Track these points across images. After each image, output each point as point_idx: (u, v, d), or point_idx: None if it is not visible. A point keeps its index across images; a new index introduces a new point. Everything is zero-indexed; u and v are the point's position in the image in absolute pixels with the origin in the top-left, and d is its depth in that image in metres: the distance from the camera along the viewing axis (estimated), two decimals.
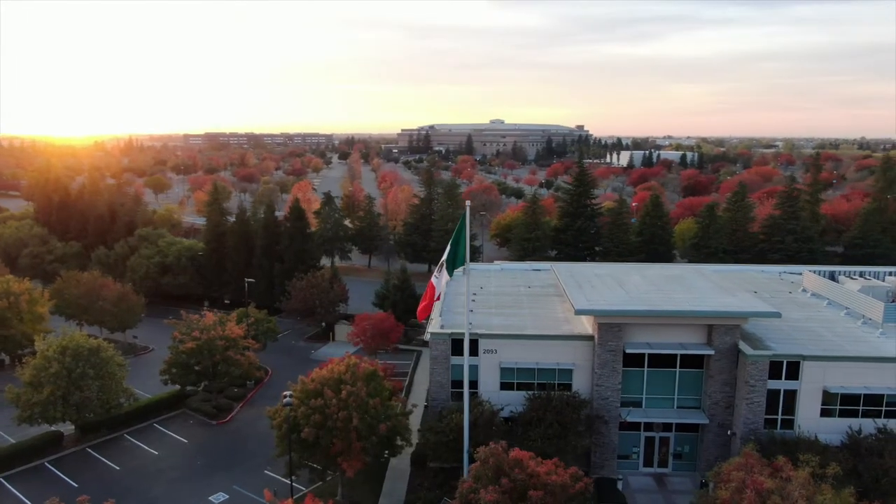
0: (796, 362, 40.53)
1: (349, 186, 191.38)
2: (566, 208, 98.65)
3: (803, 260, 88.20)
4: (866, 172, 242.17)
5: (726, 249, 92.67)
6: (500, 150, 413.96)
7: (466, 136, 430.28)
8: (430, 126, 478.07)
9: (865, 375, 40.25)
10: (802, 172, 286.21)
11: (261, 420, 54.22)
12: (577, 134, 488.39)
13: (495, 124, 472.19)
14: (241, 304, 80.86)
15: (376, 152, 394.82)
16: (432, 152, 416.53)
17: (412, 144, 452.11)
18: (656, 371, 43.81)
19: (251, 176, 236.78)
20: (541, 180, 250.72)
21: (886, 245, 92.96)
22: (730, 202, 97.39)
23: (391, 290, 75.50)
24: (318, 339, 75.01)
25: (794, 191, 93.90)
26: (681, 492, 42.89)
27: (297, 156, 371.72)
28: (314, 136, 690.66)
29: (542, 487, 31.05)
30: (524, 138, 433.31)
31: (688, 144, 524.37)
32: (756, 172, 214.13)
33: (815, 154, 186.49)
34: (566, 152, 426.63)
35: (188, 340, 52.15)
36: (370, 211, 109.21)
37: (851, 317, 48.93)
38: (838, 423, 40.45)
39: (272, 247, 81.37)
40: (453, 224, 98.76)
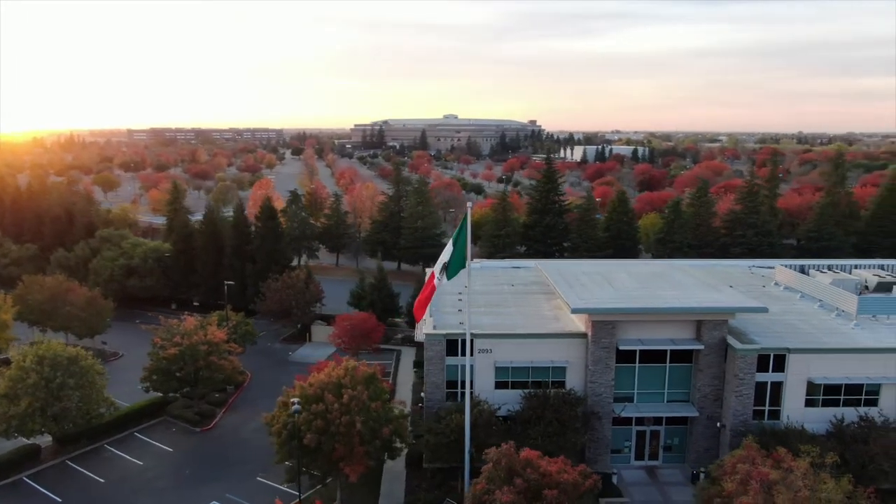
0: (782, 355, 42.05)
1: (308, 183, 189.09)
2: (535, 205, 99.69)
3: (764, 253, 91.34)
4: (809, 166, 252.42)
5: (690, 244, 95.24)
6: (455, 146, 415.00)
7: (420, 131, 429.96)
8: (384, 121, 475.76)
9: (846, 366, 42.02)
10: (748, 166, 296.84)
11: (246, 425, 53.49)
12: (529, 129, 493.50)
13: (449, 119, 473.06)
14: (212, 306, 79.37)
15: (330, 148, 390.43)
16: (386, 148, 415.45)
17: (366, 140, 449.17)
18: (647, 367, 44.78)
19: (204, 173, 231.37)
20: (498, 175, 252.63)
21: (839, 238, 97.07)
22: (692, 198, 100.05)
23: (368, 289, 75.01)
24: (295, 340, 74.02)
25: (753, 186, 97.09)
26: (672, 483, 44.04)
27: (248, 152, 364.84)
28: (264, 131, 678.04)
29: (555, 486, 31.46)
30: (478, 133, 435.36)
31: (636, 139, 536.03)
32: (707, 167, 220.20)
33: (757, 148, 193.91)
34: (519, 147, 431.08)
35: (170, 346, 50.70)
36: (337, 209, 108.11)
37: (825, 309, 50.94)
38: (822, 413, 42.15)
39: (243, 247, 79.79)
40: (423, 222, 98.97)
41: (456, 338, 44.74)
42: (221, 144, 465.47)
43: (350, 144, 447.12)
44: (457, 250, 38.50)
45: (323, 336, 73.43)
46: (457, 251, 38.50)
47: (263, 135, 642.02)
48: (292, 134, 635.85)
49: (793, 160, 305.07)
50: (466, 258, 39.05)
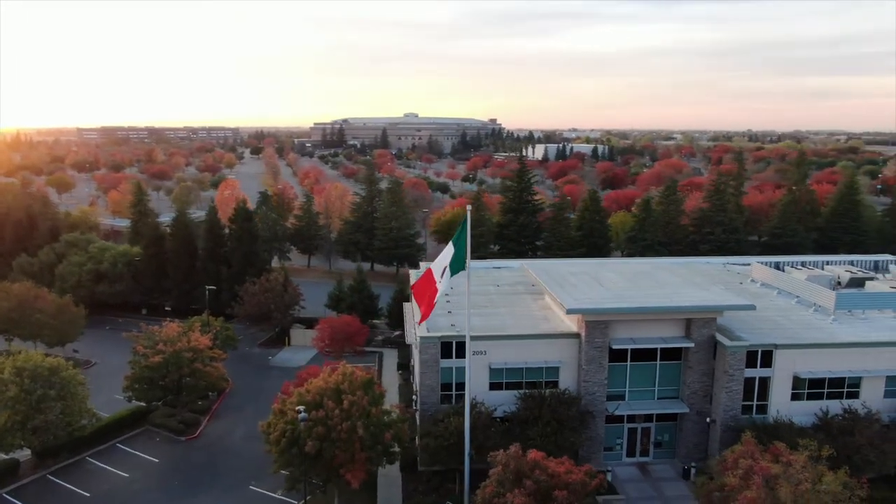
0: (770, 351, 43.23)
1: (273, 184, 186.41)
2: (509, 204, 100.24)
3: (731, 250, 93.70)
4: (763, 164, 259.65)
5: (661, 241, 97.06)
6: (416, 144, 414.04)
7: (381, 129, 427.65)
8: (344, 120, 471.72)
9: (829, 360, 43.46)
10: (705, 164, 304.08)
11: (233, 433, 52.52)
12: (490, 127, 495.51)
13: (409, 118, 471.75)
14: (185, 311, 77.58)
15: (290, 147, 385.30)
16: (347, 146, 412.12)
17: (326, 139, 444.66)
18: (638, 365, 45.49)
19: (163, 173, 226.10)
20: (462, 174, 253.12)
21: (802, 234, 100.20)
22: (662, 197, 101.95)
23: (347, 291, 74.38)
24: (273, 344, 72.92)
25: (721, 185, 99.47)
26: (665, 479, 44.87)
27: (206, 151, 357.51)
28: (220, 129, 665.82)
29: (564, 487, 31.73)
30: (439, 132, 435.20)
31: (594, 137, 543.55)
32: (667, 165, 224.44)
33: (711, 146, 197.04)
34: (481, 146, 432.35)
35: (153, 354, 49.40)
36: (309, 210, 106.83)
37: (802, 305, 52.51)
38: (807, 406, 43.50)
39: (217, 250, 78.19)
40: (397, 223, 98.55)
41: (450, 340, 44.75)
42: (177, 143, 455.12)
43: (310, 143, 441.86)
44: (457, 251, 38.42)
45: (302, 340, 72.59)
46: (457, 252, 38.43)
47: (220, 133, 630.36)
48: (249, 132, 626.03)
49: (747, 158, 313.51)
50: (466, 260, 38.95)
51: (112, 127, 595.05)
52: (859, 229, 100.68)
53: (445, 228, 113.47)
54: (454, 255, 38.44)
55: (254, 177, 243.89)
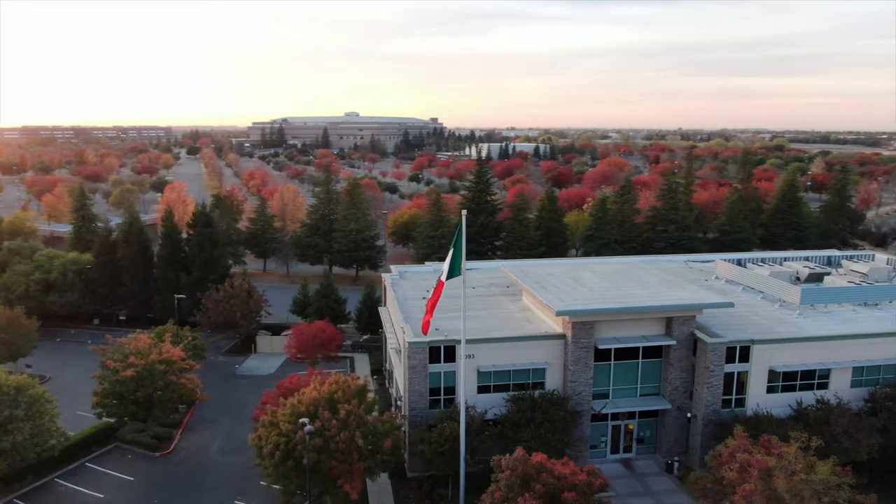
0: (747, 346, 44.81)
1: (217, 185, 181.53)
2: (468, 205, 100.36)
3: (684, 247, 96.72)
4: (700, 162, 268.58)
5: (617, 240, 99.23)
6: (358, 144, 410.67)
7: (322, 129, 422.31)
8: (284, 119, 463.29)
9: (801, 354, 45.36)
10: (643, 162, 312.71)
11: (209, 446, 50.87)
12: (432, 127, 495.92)
13: (351, 117, 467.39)
14: (141, 320, 74.78)
15: (229, 147, 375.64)
16: (288, 146, 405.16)
17: (265, 138, 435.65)
18: (621, 363, 46.41)
19: (96, 175, 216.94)
20: (408, 174, 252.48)
21: (748, 230, 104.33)
22: (617, 196, 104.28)
23: (314, 295, 73.12)
24: (238, 352, 70.97)
25: (673, 183, 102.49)
26: (649, 474, 45.95)
27: (140, 151, 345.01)
28: (151, 129, 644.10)
29: (571, 488, 32.08)
30: (381, 131, 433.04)
31: (532, 136, 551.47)
32: (610, 164, 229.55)
33: (647, 144, 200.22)
34: (423, 145, 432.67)
35: (124, 368, 47.29)
36: (263, 212, 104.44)
37: (768, 300, 54.66)
38: (782, 398, 45.31)
39: (175, 256, 75.50)
40: (357, 225, 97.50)
41: (438, 345, 44.61)
42: (106, 144, 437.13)
43: (249, 143, 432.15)
44: (455, 255, 38.35)
45: (268, 347, 70.98)
46: (455, 256, 38.36)
47: (151, 133, 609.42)
48: (183, 132, 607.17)
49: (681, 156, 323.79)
50: (462, 263, 38.85)
51: (35, 126, 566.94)
52: (800, 225, 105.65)
53: (403, 230, 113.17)
54: (453, 261, 38.25)
55: (193, 178, 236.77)
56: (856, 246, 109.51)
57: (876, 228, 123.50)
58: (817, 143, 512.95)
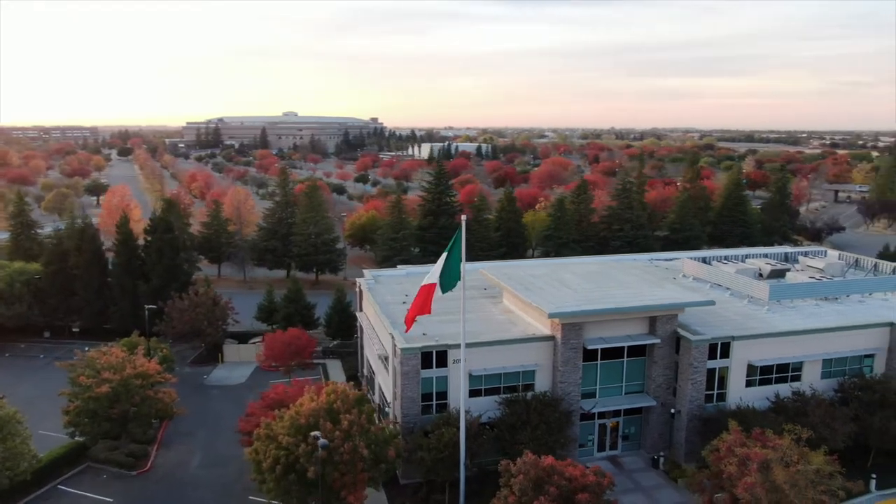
0: (728, 343, 46.44)
1: (158, 188, 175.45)
2: (428, 206, 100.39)
3: (640, 246, 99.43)
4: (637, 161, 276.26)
5: (575, 239, 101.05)
6: (298, 144, 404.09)
7: (260, 129, 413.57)
8: (220, 119, 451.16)
9: (777, 348, 47.32)
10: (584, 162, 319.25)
11: (189, 461, 49.15)
12: (372, 126, 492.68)
13: (289, 117, 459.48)
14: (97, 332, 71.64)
15: (163, 148, 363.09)
16: (225, 147, 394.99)
17: (200, 139, 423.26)
18: (607, 363, 47.29)
19: (23, 178, 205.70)
20: (352, 174, 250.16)
21: (698, 228, 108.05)
22: (573, 196, 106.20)
23: (281, 301, 71.59)
24: (204, 362, 68.75)
25: (627, 184, 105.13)
26: (636, 470, 47.01)
27: (67, 153, 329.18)
28: (76, 129, 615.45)
29: (583, 489, 32.52)
30: (321, 131, 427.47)
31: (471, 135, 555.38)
32: (554, 163, 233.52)
33: (584, 143, 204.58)
34: (364, 145, 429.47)
35: (98, 384, 45.09)
36: (217, 216, 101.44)
37: (736, 297, 56.65)
38: (760, 391, 47.16)
39: (132, 264, 72.47)
40: (316, 228, 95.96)
41: (430, 350, 44.41)
42: (28, 145, 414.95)
43: (183, 144, 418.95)
44: (452, 261, 38.13)
45: (236, 355, 69.10)
46: (452, 262, 38.13)
47: (76, 133, 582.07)
48: (110, 132, 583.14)
49: (619, 155, 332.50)
50: (461, 269, 38.69)
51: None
52: (746, 222, 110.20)
53: (360, 232, 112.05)
54: (450, 267, 38.03)
55: (127, 181, 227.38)
56: (796, 241, 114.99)
57: (811, 224, 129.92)
58: (742, 142, 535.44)
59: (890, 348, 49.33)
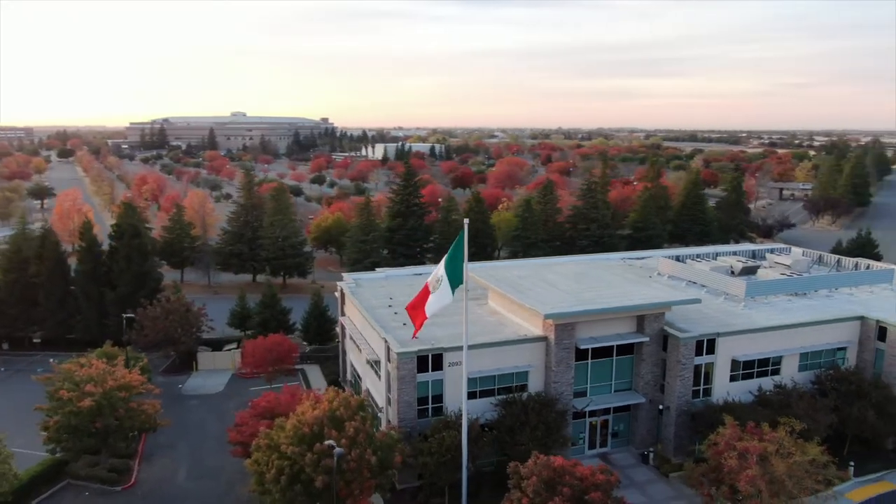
0: (713, 339, 47.73)
1: (107, 191, 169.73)
2: (397, 208, 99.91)
3: (606, 245, 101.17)
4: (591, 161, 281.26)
5: (543, 239, 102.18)
6: (247, 145, 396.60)
7: (208, 129, 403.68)
8: (165, 119, 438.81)
9: (758, 343, 48.88)
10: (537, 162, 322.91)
11: (174, 475, 47.75)
12: (323, 127, 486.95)
13: (238, 117, 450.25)
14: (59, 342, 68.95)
15: (106, 149, 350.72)
16: (171, 148, 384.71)
17: (145, 140, 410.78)
18: (597, 362, 47.98)
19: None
20: (306, 175, 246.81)
21: (659, 227, 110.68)
22: (540, 196, 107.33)
23: (255, 307, 70.17)
24: (176, 370, 66.74)
25: (592, 184, 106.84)
26: (627, 466, 47.78)
27: (3, 154, 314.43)
28: (9, 129, 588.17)
29: (595, 488, 32.94)
30: (271, 132, 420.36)
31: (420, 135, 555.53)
32: (510, 163, 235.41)
33: (535, 143, 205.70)
34: (315, 145, 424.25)
35: (79, 398, 43.29)
36: (179, 220, 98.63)
37: (712, 294, 58.20)
38: (743, 385, 48.64)
39: (97, 270, 69.84)
40: (284, 231, 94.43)
41: (426, 354, 44.22)
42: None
43: (127, 145, 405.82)
44: (455, 265, 38.01)
45: (210, 363, 67.42)
46: (456, 266, 38.01)
47: (9, 134, 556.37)
48: (47, 133, 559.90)
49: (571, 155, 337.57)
50: (464, 272, 38.62)
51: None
52: (705, 220, 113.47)
53: (326, 235, 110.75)
54: (453, 270, 37.92)
55: (70, 184, 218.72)
56: (751, 239, 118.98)
57: (762, 221, 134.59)
58: (687, 142, 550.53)
59: (860, 341, 51.54)
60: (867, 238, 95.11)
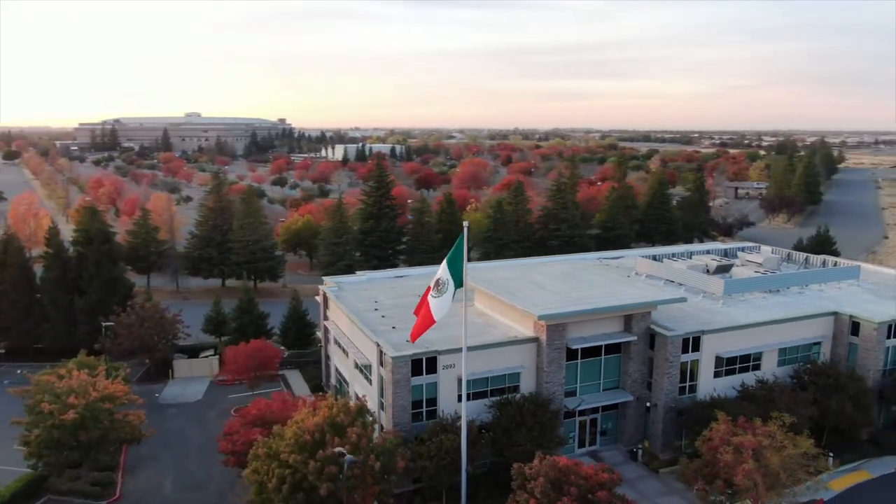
0: (698, 336, 48.83)
1: (61, 195, 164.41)
2: (369, 210, 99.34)
3: (576, 244, 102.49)
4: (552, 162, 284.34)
5: (515, 240, 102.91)
6: (203, 146, 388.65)
7: (162, 130, 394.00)
8: (116, 120, 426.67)
9: (740, 340, 50.19)
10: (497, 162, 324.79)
11: (160, 486, 46.66)
12: (280, 127, 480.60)
13: (193, 118, 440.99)
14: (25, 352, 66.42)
15: (55, 151, 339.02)
16: (124, 150, 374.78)
17: (95, 141, 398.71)
18: (586, 361, 48.59)
19: None
20: (266, 177, 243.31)
21: (627, 227, 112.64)
22: (511, 197, 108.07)
23: (232, 312, 68.90)
24: (151, 379, 64.98)
25: (562, 184, 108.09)
26: (617, 463, 48.03)
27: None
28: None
29: (600, 487, 33.38)
30: (228, 133, 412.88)
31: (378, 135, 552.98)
32: (474, 164, 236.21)
33: (494, 144, 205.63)
34: (273, 146, 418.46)
35: (61, 410, 41.82)
36: (145, 224, 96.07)
37: (690, 292, 59.42)
38: (727, 381, 49.85)
39: (65, 277, 67.56)
40: (255, 234, 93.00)
41: (420, 357, 44.13)
42: None
43: (76, 146, 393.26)
44: (456, 267, 38.12)
45: (187, 371, 65.89)
46: (456, 268, 38.12)
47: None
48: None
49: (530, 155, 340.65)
50: (463, 275, 38.70)
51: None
52: (671, 220, 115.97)
53: (295, 238, 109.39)
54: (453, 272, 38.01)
55: (19, 186, 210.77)
56: (713, 237, 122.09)
57: (722, 220, 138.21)
58: (641, 142, 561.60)
59: (834, 335, 53.40)
60: (826, 235, 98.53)
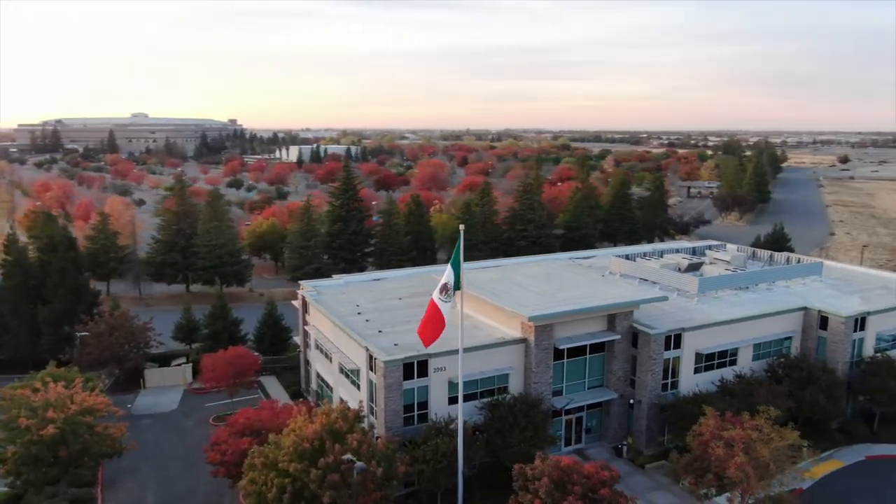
0: (679, 334, 50.03)
1: (7, 200, 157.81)
2: (337, 212, 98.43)
3: (543, 245, 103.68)
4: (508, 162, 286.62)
5: (482, 241, 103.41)
6: (151, 147, 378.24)
7: (108, 131, 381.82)
8: (58, 121, 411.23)
9: (717, 337, 51.67)
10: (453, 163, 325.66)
11: (142, 501, 45.12)
12: (231, 128, 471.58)
13: (139, 119, 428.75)
14: None
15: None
16: (67, 151, 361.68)
17: (36, 142, 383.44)
18: (572, 361, 49.30)
19: None
20: (220, 179, 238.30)
21: (591, 227, 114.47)
22: (478, 198, 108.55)
23: (204, 319, 67.32)
24: (122, 389, 62.82)
25: (528, 185, 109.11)
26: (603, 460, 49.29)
27: None
28: None
29: (602, 486, 33.90)
30: (177, 134, 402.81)
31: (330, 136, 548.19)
32: (433, 165, 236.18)
33: (448, 144, 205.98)
34: (224, 147, 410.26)
35: (40, 425, 40.17)
36: (105, 229, 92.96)
37: (664, 291, 60.72)
38: (706, 377, 51.24)
39: (27, 286, 64.92)
40: (222, 239, 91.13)
41: (412, 361, 43.98)
42: None
43: (15, 148, 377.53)
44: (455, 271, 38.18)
45: (160, 380, 64.07)
46: (455, 271, 38.18)
47: None
48: None
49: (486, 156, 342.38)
50: (461, 278, 38.77)
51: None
52: (633, 219, 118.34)
53: (260, 241, 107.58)
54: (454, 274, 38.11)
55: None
56: (673, 236, 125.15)
57: (679, 218, 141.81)
58: (592, 142, 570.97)
59: (804, 330, 55.45)
60: (781, 232, 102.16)
